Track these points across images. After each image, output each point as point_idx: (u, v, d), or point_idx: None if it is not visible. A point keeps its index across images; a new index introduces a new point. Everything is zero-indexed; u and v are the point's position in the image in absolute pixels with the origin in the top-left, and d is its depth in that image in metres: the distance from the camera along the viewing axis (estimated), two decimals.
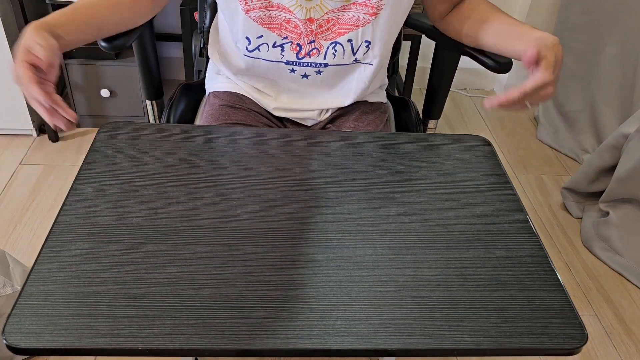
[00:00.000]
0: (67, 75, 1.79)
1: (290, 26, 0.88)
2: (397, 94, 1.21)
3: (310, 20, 0.87)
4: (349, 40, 0.90)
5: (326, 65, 0.92)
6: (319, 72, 0.93)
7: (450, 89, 1.12)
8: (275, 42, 0.90)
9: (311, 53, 0.90)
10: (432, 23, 1.02)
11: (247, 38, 0.90)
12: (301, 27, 0.88)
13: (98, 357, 0.53)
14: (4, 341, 0.51)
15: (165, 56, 2.17)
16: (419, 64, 1.96)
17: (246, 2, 0.86)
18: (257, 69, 0.95)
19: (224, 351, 0.52)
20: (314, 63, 0.92)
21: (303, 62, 0.92)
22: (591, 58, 1.90)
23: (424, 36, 1.70)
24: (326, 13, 0.87)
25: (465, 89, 2.38)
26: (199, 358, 1.03)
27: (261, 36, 0.90)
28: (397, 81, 1.95)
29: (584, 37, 1.91)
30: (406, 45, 1.92)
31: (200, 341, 0.52)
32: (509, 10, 2.19)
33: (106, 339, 0.51)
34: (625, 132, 1.50)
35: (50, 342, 0.51)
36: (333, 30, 0.89)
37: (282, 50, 0.91)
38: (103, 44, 0.89)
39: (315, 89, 0.97)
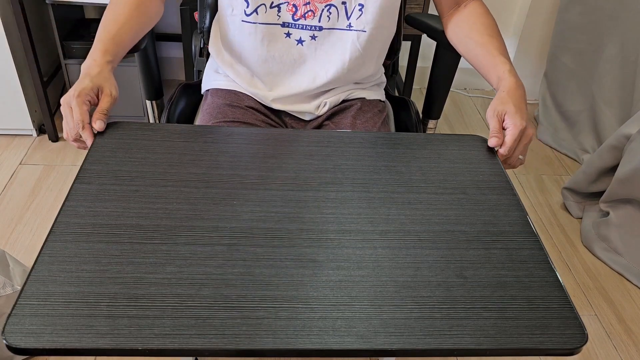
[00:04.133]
0: (67, 75, 1.79)
1: None
2: (397, 94, 1.21)
3: None
4: (343, 3, 0.92)
5: (321, 28, 0.94)
6: (313, 37, 0.95)
7: (450, 89, 1.12)
8: (272, 2, 0.92)
9: (306, 15, 0.92)
10: (440, 16, 1.02)
11: (245, 0, 0.92)
12: None
13: (98, 357, 0.53)
14: (4, 341, 0.51)
15: (165, 56, 2.17)
16: (419, 64, 1.96)
17: None
18: (254, 37, 0.95)
19: (224, 351, 0.52)
20: (308, 26, 0.93)
21: (298, 24, 0.93)
22: (591, 58, 1.90)
23: (424, 36, 1.70)
24: None
25: (465, 89, 2.38)
26: (198, 358, 1.03)
27: None
28: (397, 81, 1.95)
29: (584, 37, 1.91)
30: (406, 45, 1.92)
31: (200, 341, 0.52)
32: (509, 11, 2.19)
33: (106, 339, 0.51)
34: (626, 133, 1.50)
35: (50, 342, 0.51)
36: None
37: (279, 10, 0.92)
38: None
39: (310, 58, 0.97)
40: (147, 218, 0.64)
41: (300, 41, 0.95)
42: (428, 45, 1.89)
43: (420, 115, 1.13)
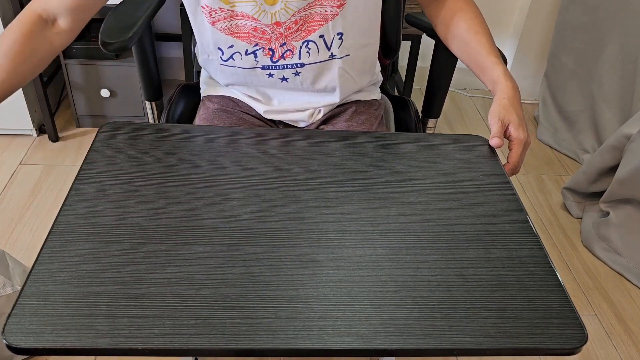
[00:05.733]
0: (67, 75, 1.79)
1: (258, 33, 0.87)
2: (396, 94, 1.21)
3: (277, 24, 0.86)
4: (321, 36, 0.89)
5: (302, 65, 0.91)
6: (296, 74, 0.92)
7: (450, 89, 1.12)
8: (247, 50, 0.90)
9: (285, 55, 0.90)
10: (422, 7, 1.02)
11: (219, 49, 0.90)
12: (269, 32, 0.87)
13: (98, 357, 0.53)
14: (4, 341, 0.51)
15: (165, 56, 2.17)
16: (419, 63, 1.96)
17: (210, 14, 0.86)
18: (237, 76, 0.95)
19: (224, 351, 0.52)
20: (289, 64, 0.91)
21: (279, 65, 0.91)
22: (591, 58, 1.90)
23: (424, 36, 1.70)
24: (293, 15, 0.86)
25: (465, 89, 2.38)
26: (198, 358, 1.03)
27: (232, 46, 0.89)
28: (397, 81, 1.95)
29: (584, 37, 1.91)
30: (406, 45, 1.92)
31: (200, 341, 0.52)
32: (509, 11, 2.19)
33: (106, 338, 0.51)
34: (627, 133, 1.50)
35: (50, 342, 0.51)
36: (303, 29, 0.88)
37: (256, 57, 0.90)
38: (103, 47, 0.90)
39: (299, 91, 0.96)
40: (147, 218, 0.64)
41: (284, 79, 0.93)
42: (428, 45, 1.89)
43: (420, 115, 1.13)
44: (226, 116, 0.98)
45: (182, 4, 1.71)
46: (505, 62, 0.93)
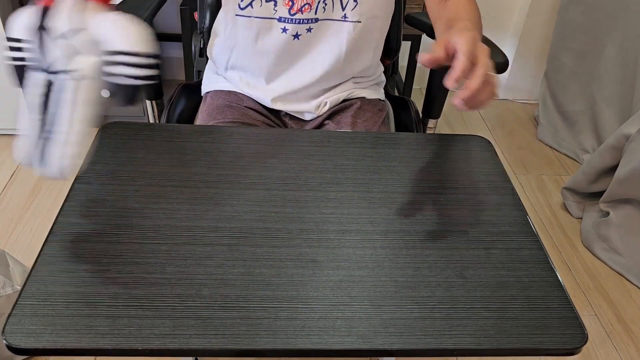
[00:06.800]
0: None
1: None
2: (397, 94, 1.21)
3: None
4: None
5: (316, 20, 0.93)
6: (309, 30, 0.94)
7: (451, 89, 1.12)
8: None
9: (303, 9, 0.92)
10: (428, 12, 1.01)
11: None
12: None
13: (98, 357, 0.53)
14: (4, 341, 0.51)
15: (165, 56, 2.17)
16: (419, 64, 1.96)
17: None
18: (249, 33, 0.94)
19: (224, 351, 0.52)
20: (305, 19, 0.93)
21: (295, 19, 0.92)
22: (591, 58, 1.90)
23: (424, 36, 1.70)
24: None
25: None
26: (198, 358, 1.03)
27: None
28: (397, 81, 1.95)
29: (584, 37, 1.91)
30: (406, 45, 1.92)
31: (200, 341, 0.52)
32: (509, 11, 2.19)
33: (106, 339, 0.51)
34: (626, 133, 1.50)
35: (50, 342, 0.51)
36: None
37: (275, 5, 0.92)
38: None
39: (306, 55, 0.97)
40: (147, 218, 0.64)
41: (297, 36, 0.94)
42: (428, 46, 1.89)
43: (420, 115, 1.13)
44: (229, 111, 0.98)
45: (182, 4, 1.72)
46: (507, 63, 0.93)
